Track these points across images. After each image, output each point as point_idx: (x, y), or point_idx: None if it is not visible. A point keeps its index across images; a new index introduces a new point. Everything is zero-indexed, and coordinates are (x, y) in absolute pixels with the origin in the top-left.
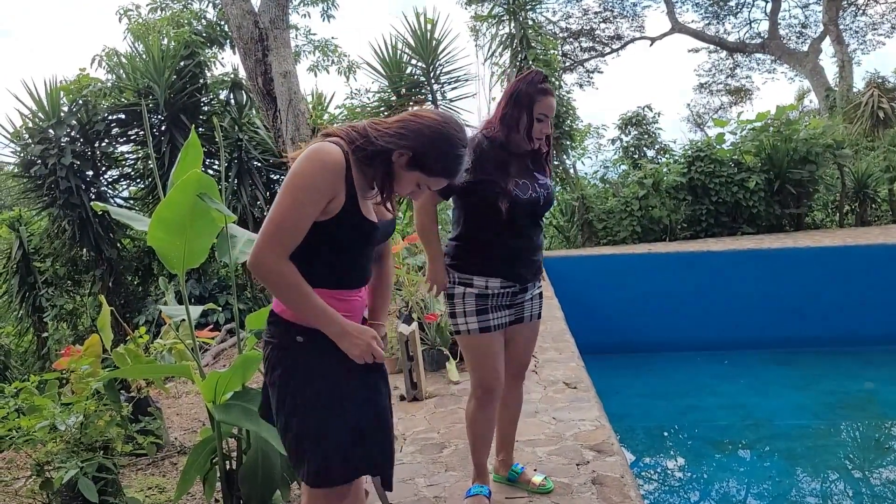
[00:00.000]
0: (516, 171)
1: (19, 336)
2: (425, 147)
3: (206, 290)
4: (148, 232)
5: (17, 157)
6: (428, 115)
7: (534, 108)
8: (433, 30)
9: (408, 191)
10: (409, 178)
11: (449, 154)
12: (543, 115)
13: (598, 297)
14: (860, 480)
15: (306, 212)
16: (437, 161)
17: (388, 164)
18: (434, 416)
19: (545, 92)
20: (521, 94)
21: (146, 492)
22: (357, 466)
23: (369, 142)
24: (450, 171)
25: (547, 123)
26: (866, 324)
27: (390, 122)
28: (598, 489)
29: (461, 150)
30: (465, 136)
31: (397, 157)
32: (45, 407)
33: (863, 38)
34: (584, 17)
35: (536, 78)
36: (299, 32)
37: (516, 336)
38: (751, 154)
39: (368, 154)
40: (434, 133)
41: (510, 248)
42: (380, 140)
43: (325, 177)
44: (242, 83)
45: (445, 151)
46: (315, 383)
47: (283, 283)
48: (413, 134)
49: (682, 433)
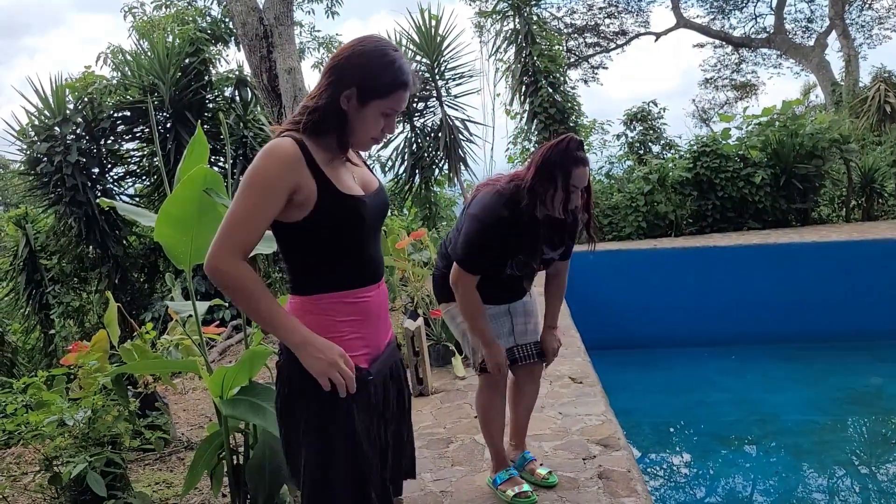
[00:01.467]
0: (544, 240)
1: (26, 333)
2: (363, 72)
3: (213, 287)
4: (155, 228)
5: (23, 154)
6: (344, 47)
7: (568, 180)
8: (437, 26)
9: (377, 128)
10: (370, 115)
11: (388, 65)
12: (576, 187)
13: (604, 292)
14: (868, 476)
15: (262, 209)
16: (383, 78)
17: (341, 115)
18: (440, 411)
19: (579, 162)
20: (554, 164)
21: (154, 486)
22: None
23: (312, 110)
24: (400, 80)
25: (578, 195)
26: (874, 319)
27: (318, 82)
28: (605, 483)
29: (393, 54)
30: (384, 39)
31: (345, 102)
32: (53, 402)
33: (869, 32)
34: (589, 12)
35: (572, 145)
36: (303, 29)
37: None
38: (756, 149)
39: (318, 120)
40: (361, 55)
41: (503, 284)
42: (319, 100)
43: (279, 171)
44: (247, 80)
45: (384, 64)
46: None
47: (236, 285)
48: (343, 71)
49: (689, 428)
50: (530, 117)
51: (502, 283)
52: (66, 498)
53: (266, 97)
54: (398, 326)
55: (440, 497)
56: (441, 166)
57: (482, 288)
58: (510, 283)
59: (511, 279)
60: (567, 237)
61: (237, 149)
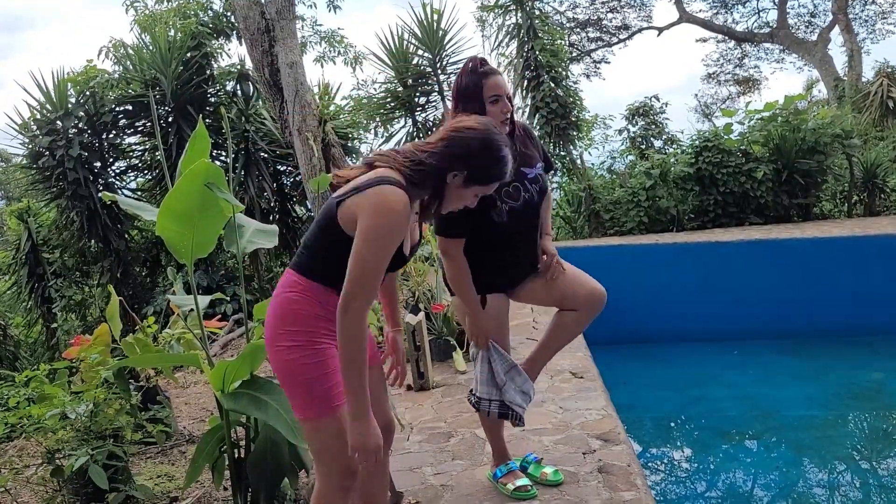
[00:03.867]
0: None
1: (28, 327)
2: (479, 164)
3: (214, 281)
4: (157, 222)
5: (25, 148)
6: (467, 125)
7: (482, 94)
8: (440, 20)
9: (462, 205)
10: (466, 194)
11: (500, 159)
12: (495, 95)
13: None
14: (868, 471)
15: (387, 257)
16: (491, 169)
17: (442, 185)
18: (441, 405)
19: (487, 74)
20: (466, 87)
21: (155, 479)
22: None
23: (420, 164)
24: (503, 174)
25: (504, 103)
26: (875, 314)
27: (435, 142)
28: (605, 477)
29: (506, 151)
30: (501, 134)
31: (451, 178)
32: (55, 395)
33: (872, 27)
34: (592, 6)
35: (473, 65)
36: (305, 23)
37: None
38: (759, 144)
39: (421, 179)
40: (481, 143)
41: (504, 261)
42: (430, 159)
43: (401, 225)
44: (249, 74)
45: (497, 158)
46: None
47: (359, 332)
48: (461, 149)
49: (690, 423)
50: (532, 112)
51: (501, 257)
52: (68, 490)
53: (268, 91)
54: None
55: (441, 490)
56: None
57: (483, 272)
58: (513, 251)
59: (515, 245)
60: (531, 147)
61: (238, 143)
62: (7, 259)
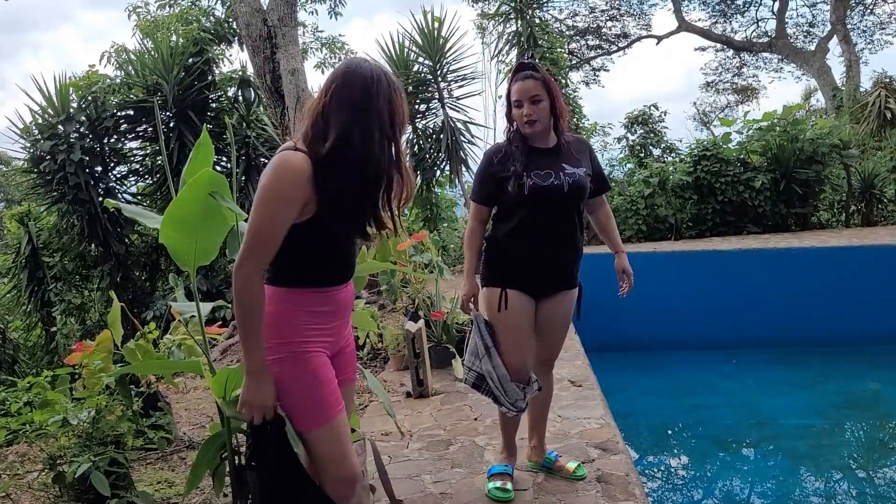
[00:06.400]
0: (538, 164)
1: (28, 330)
2: (342, 83)
3: (214, 286)
4: (160, 230)
5: (26, 152)
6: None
7: (510, 97)
8: (440, 28)
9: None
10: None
11: (357, 75)
12: (517, 100)
13: (603, 295)
14: (865, 480)
15: (279, 222)
16: (354, 87)
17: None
18: (440, 412)
19: (516, 78)
20: (507, 91)
21: (156, 486)
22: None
23: (313, 122)
24: (369, 86)
25: (527, 107)
26: (872, 324)
27: (318, 95)
28: (603, 487)
29: (365, 68)
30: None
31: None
32: (57, 401)
33: (870, 37)
34: (591, 15)
35: (515, 68)
36: (307, 30)
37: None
38: (757, 153)
39: (315, 130)
40: (342, 71)
41: (525, 245)
42: (326, 115)
43: (289, 184)
44: (251, 80)
45: (355, 75)
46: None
47: (252, 296)
48: (330, 83)
49: (688, 432)
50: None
51: (524, 240)
52: (69, 496)
53: (269, 98)
54: (399, 328)
55: (440, 499)
56: (442, 168)
57: (507, 254)
58: (539, 241)
59: (540, 233)
60: (580, 154)
61: (239, 148)
62: (7, 262)
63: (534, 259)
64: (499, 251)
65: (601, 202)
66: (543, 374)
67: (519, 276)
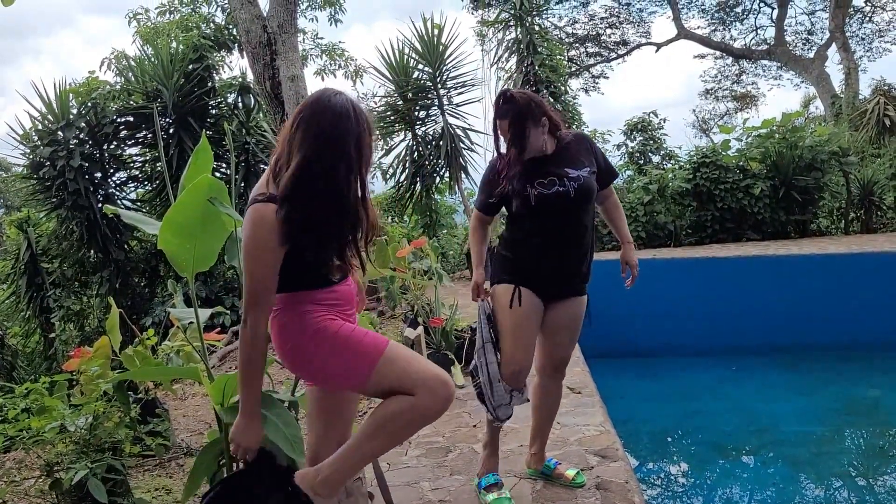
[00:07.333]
0: (541, 173)
1: (26, 336)
2: (310, 118)
3: (213, 293)
4: (159, 236)
5: (26, 158)
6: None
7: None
8: (440, 35)
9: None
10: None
11: (329, 108)
12: (503, 134)
13: (603, 301)
14: (865, 487)
15: (268, 271)
16: (321, 117)
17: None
18: (439, 419)
19: (496, 112)
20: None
21: (153, 493)
22: None
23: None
24: (337, 119)
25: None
26: (872, 330)
27: (283, 135)
28: (603, 494)
29: (337, 101)
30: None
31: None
32: (55, 408)
33: (869, 45)
34: (591, 22)
35: (496, 98)
36: (306, 36)
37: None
38: (756, 160)
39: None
40: (310, 106)
41: (535, 246)
42: (290, 143)
43: (264, 236)
44: (250, 87)
45: (325, 107)
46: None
47: (256, 350)
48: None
49: (687, 438)
50: None
51: (534, 244)
52: (65, 503)
53: (269, 104)
54: (398, 334)
55: None
56: (442, 174)
57: (519, 253)
58: (548, 247)
59: (547, 239)
60: (584, 154)
61: (239, 155)
62: (6, 268)
63: (539, 265)
64: (510, 252)
65: (609, 192)
66: (553, 380)
67: (529, 278)
